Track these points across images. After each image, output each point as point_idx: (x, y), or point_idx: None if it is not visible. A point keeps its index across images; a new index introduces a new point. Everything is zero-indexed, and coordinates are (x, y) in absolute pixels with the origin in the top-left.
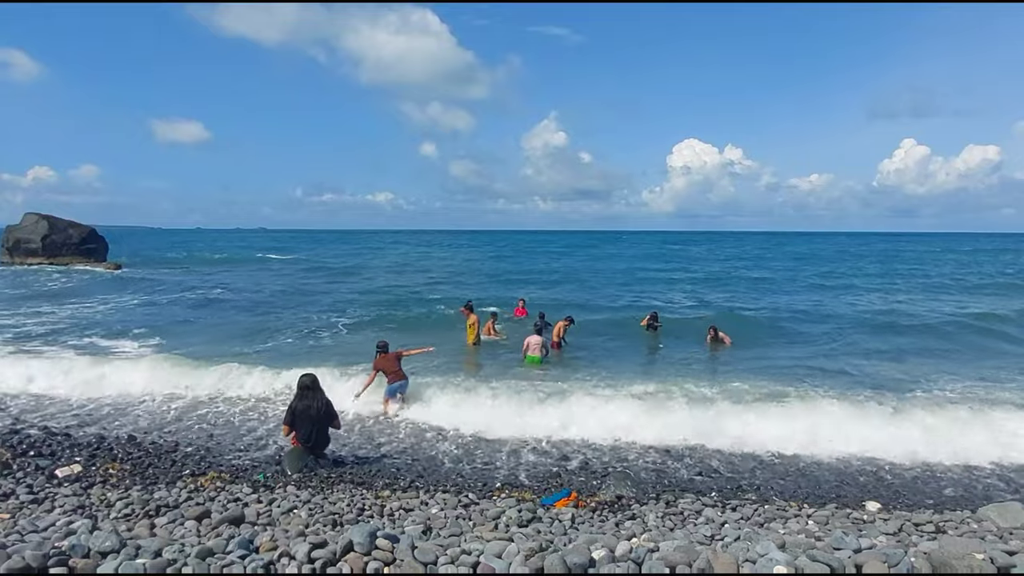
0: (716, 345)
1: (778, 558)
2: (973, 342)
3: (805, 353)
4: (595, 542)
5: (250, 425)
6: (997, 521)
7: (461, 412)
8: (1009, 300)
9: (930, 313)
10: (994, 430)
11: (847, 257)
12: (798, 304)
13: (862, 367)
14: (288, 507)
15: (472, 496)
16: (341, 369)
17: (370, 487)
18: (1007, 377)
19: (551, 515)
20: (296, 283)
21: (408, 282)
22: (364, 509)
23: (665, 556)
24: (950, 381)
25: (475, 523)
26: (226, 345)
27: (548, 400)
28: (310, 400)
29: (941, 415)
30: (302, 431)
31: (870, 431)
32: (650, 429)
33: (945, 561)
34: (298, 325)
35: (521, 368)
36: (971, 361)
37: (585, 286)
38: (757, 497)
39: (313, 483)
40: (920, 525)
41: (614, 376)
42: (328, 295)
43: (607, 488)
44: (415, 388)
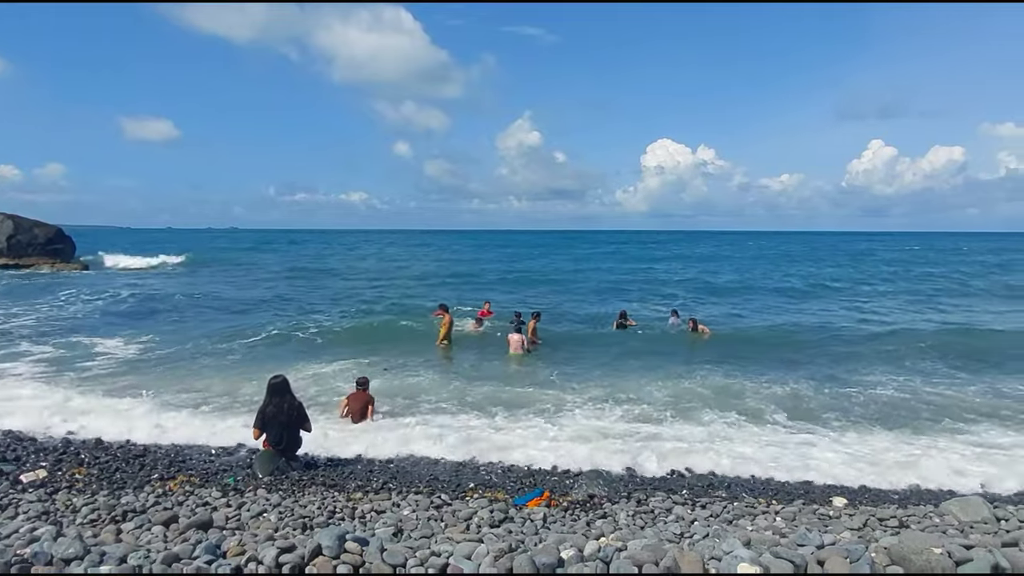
0: (696, 336)
1: (743, 555)
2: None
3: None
4: (564, 542)
5: (220, 428)
6: (958, 515)
7: (435, 414)
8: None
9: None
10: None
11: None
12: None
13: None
14: (258, 511)
15: (445, 497)
16: (314, 370)
17: (342, 489)
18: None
19: (523, 515)
20: (269, 285)
21: (384, 283)
22: (335, 512)
23: (633, 555)
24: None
25: (447, 524)
26: (197, 347)
27: (523, 400)
28: (280, 402)
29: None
30: (273, 434)
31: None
32: (622, 427)
33: (904, 556)
34: (270, 327)
35: (496, 368)
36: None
37: (561, 288)
38: (727, 495)
39: (284, 486)
40: (884, 520)
41: (586, 377)
42: (302, 298)
43: (579, 487)
44: (391, 388)
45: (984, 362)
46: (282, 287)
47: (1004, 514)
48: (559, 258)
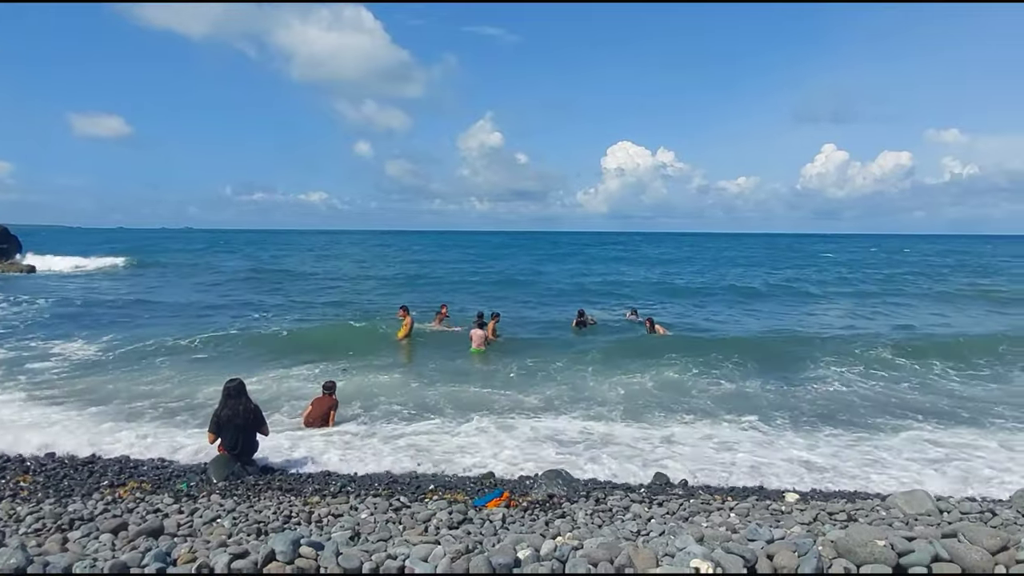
0: (653, 336)
1: (695, 551)
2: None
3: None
4: (521, 542)
5: (174, 433)
6: (904, 508)
7: (395, 416)
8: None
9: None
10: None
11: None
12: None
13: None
14: (211, 516)
15: (404, 500)
16: (272, 373)
17: (299, 493)
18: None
19: (482, 516)
20: (224, 287)
21: (344, 285)
22: (291, 516)
23: (588, 553)
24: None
25: (405, 527)
26: (149, 351)
27: (482, 401)
28: (236, 406)
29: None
30: (228, 438)
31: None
32: (579, 426)
33: (850, 548)
34: (226, 331)
35: (457, 368)
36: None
37: (522, 290)
38: (683, 492)
39: (239, 491)
40: (833, 514)
41: (545, 376)
42: (259, 300)
43: (539, 487)
44: (353, 391)
45: (928, 363)
46: (238, 289)
47: (946, 506)
48: (521, 259)
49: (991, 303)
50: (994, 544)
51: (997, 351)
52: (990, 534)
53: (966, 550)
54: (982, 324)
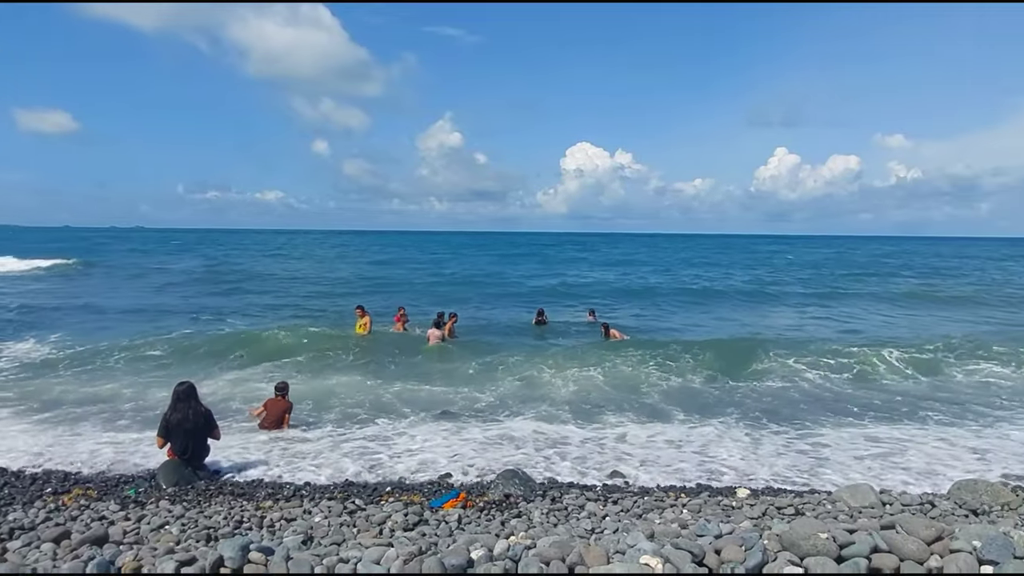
0: (609, 342)
1: (646, 548)
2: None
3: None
4: (475, 542)
5: (121, 437)
6: (849, 501)
7: (351, 417)
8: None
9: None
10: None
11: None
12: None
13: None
14: (159, 523)
15: (359, 502)
16: (226, 376)
17: (251, 498)
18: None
19: (438, 517)
20: (175, 289)
21: (301, 286)
22: (242, 521)
23: (540, 552)
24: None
25: (359, 530)
26: (96, 355)
27: (439, 400)
28: (186, 409)
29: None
30: (178, 442)
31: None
32: (539, 425)
33: (794, 541)
34: (178, 333)
35: (414, 367)
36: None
37: (482, 290)
38: (638, 489)
39: (189, 496)
40: (782, 508)
41: (502, 375)
42: (212, 302)
43: (495, 487)
44: (308, 392)
45: (870, 361)
46: (191, 291)
47: (889, 499)
48: (480, 260)
49: (933, 303)
50: (929, 535)
51: (935, 350)
52: (926, 525)
53: (903, 541)
54: (923, 324)
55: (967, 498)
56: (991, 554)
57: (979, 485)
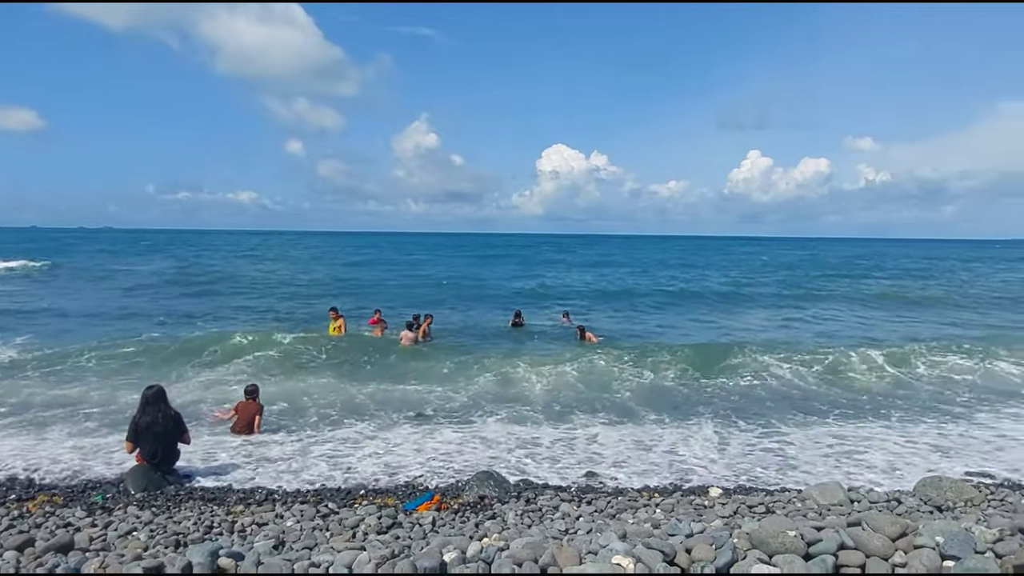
0: (584, 343)
1: (618, 548)
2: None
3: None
4: (448, 544)
5: (88, 442)
6: (818, 499)
7: (324, 419)
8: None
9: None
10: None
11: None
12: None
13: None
14: (126, 529)
15: (332, 506)
16: (197, 379)
17: (222, 503)
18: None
19: (412, 520)
20: (146, 291)
21: (275, 288)
22: (213, 527)
23: (513, 554)
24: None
25: (332, 533)
26: (64, 358)
27: (415, 403)
28: (155, 412)
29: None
30: (147, 447)
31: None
32: (514, 427)
33: (763, 539)
34: (148, 336)
35: (389, 369)
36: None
37: (459, 292)
38: (612, 489)
39: (158, 502)
40: (753, 507)
41: (477, 376)
42: (183, 305)
43: (470, 489)
44: (280, 394)
45: (837, 363)
46: (160, 293)
47: (856, 496)
48: (457, 261)
49: (903, 304)
50: (894, 531)
51: (904, 351)
52: (891, 521)
53: (869, 537)
54: (892, 324)
55: (932, 495)
56: (953, 549)
57: (944, 482)
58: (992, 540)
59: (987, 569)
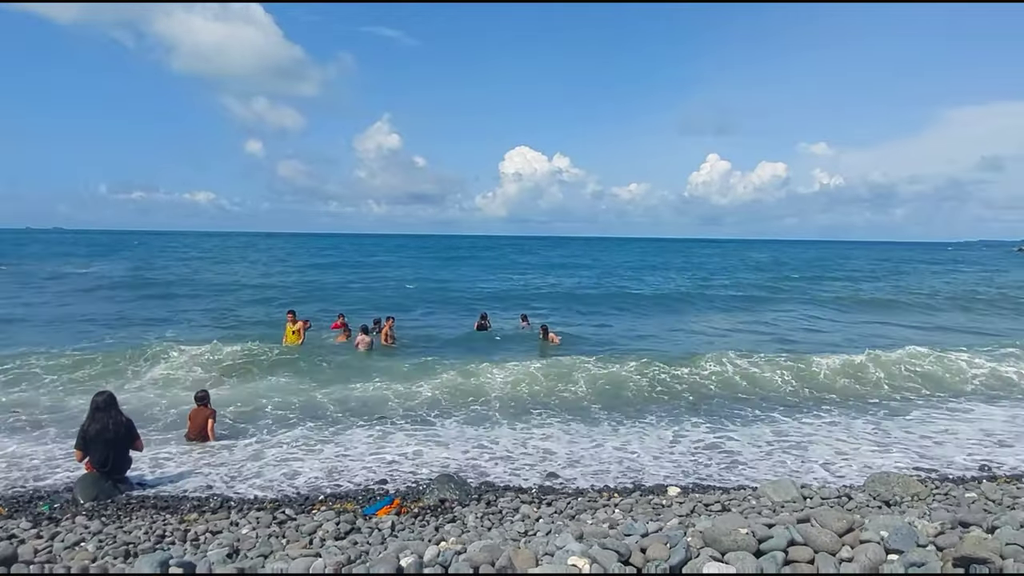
0: (546, 344)
1: (574, 549)
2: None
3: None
4: (405, 549)
5: (37, 450)
6: (772, 496)
7: (281, 423)
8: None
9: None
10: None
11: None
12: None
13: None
14: (74, 540)
15: (289, 512)
16: (153, 388)
17: (175, 511)
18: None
19: (371, 525)
20: (97, 295)
21: (234, 291)
22: (165, 536)
23: (470, 557)
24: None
25: (288, 540)
26: (15, 361)
27: (377, 406)
28: (106, 420)
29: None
30: (97, 454)
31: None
32: (477, 429)
33: (715, 537)
34: (99, 341)
35: (348, 371)
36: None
37: (423, 295)
38: (573, 490)
39: (108, 511)
40: (709, 505)
41: (446, 378)
42: (135, 310)
43: (431, 492)
44: (236, 398)
45: (793, 364)
46: (111, 296)
47: (809, 493)
48: (421, 263)
49: (858, 305)
50: (841, 526)
51: (856, 351)
52: (838, 517)
53: (817, 533)
54: (845, 326)
55: (880, 490)
56: (896, 543)
57: (891, 477)
58: (934, 534)
59: (927, 562)
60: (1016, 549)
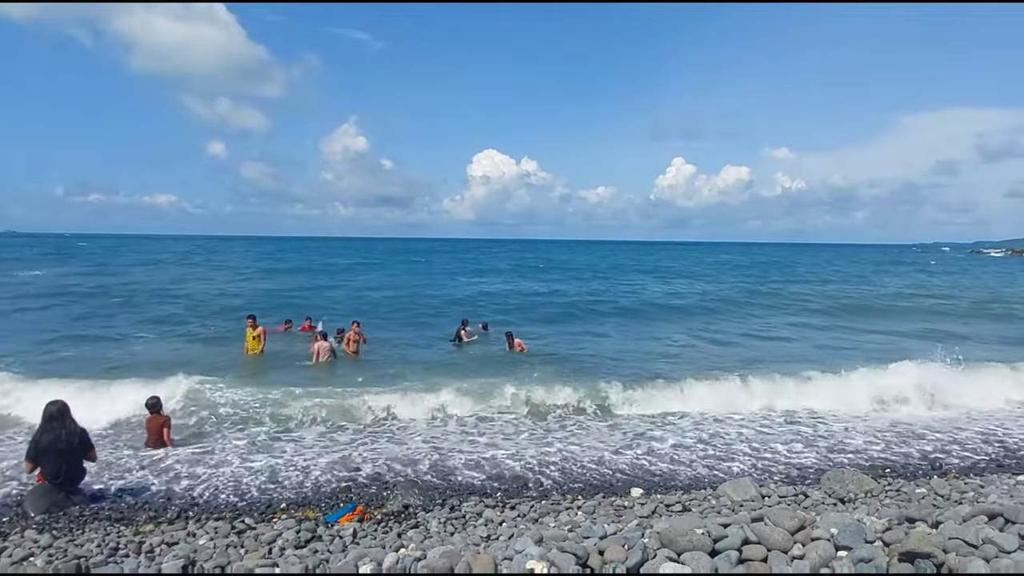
0: (512, 351)
1: (532, 552)
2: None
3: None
4: (364, 557)
5: None
6: (732, 496)
7: (241, 430)
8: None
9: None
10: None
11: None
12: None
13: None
14: (22, 555)
15: (249, 521)
16: (109, 396)
17: (130, 522)
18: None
19: (333, 532)
20: (48, 299)
21: (193, 295)
22: (118, 548)
23: (429, 564)
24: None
25: (247, 550)
26: None
27: (341, 411)
28: (58, 429)
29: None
30: (49, 466)
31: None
32: (443, 434)
33: (672, 538)
34: (51, 346)
35: (309, 374)
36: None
37: (392, 304)
38: (537, 493)
39: (60, 524)
40: (670, 505)
41: (411, 383)
42: (92, 313)
43: (395, 498)
44: (196, 405)
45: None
46: (63, 302)
47: (767, 492)
48: (388, 267)
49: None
50: (793, 524)
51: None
52: (790, 515)
53: (770, 532)
54: (810, 335)
55: (836, 488)
56: (846, 540)
57: (846, 475)
58: (882, 529)
59: (875, 557)
60: (958, 543)
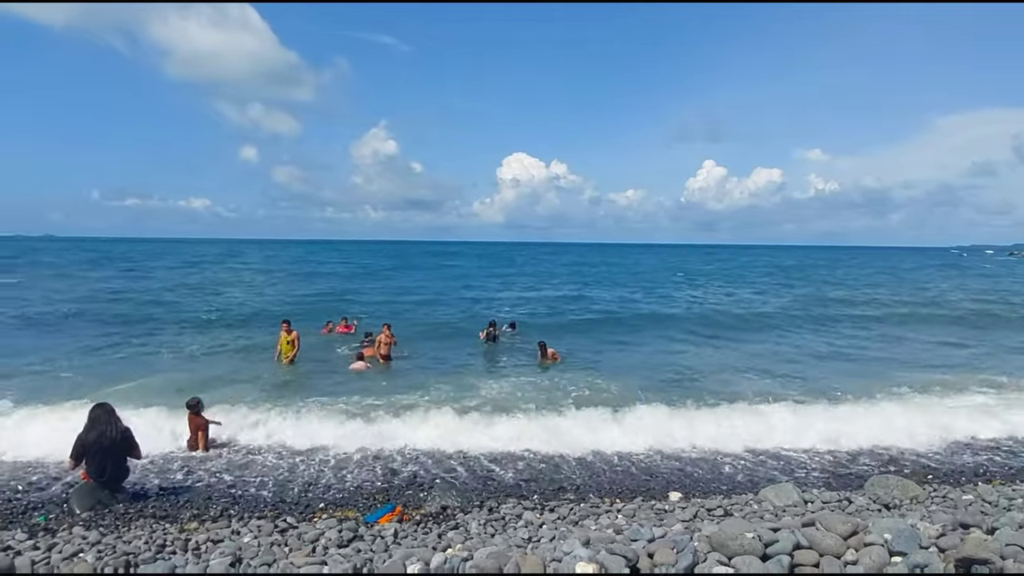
0: (544, 360)
1: (581, 554)
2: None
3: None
4: (411, 556)
5: (31, 460)
6: (774, 501)
7: (283, 432)
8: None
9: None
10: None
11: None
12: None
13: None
14: (72, 552)
15: (291, 520)
16: (152, 396)
17: (175, 520)
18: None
19: (373, 532)
20: (89, 302)
21: (233, 298)
22: (165, 545)
23: (478, 564)
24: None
25: (291, 549)
26: (12, 370)
27: (375, 414)
28: (103, 429)
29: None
30: (94, 464)
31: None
32: (477, 438)
33: (722, 542)
34: (98, 347)
35: (344, 379)
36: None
37: (423, 304)
38: (575, 496)
39: (106, 521)
40: (711, 510)
41: (443, 387)
42: (133, 314)
43: (432, 499)
44: (232, 406)
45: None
46: (107, 304)
47: (810, 497)
48: (419, 271)
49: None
50: (846, 530)
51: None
52: (843, 520)
53: (822, 536)
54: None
55: (880, 493)
56: (900, 545)
57: (891, 481)
58: (936, 535)
59: (931, 563)
60: (1016, 550)
